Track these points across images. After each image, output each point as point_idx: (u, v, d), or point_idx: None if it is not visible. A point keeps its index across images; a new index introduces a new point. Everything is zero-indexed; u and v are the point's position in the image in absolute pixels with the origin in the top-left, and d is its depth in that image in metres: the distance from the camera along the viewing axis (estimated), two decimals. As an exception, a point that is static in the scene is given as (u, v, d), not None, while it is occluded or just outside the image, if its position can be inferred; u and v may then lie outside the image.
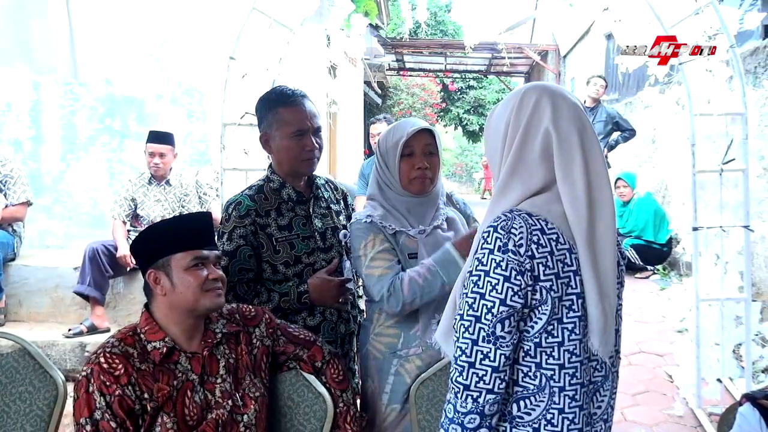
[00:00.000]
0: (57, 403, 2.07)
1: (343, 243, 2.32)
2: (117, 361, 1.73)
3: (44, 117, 6.05)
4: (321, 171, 2.39)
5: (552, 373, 1.41)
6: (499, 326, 1.38)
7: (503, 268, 1.38)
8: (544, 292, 1.39)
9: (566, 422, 1.41)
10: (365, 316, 2.29)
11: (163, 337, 1.82)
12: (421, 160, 2.10)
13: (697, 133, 3.63)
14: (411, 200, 2.14)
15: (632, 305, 5.95)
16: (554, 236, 1.40)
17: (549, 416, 1.42)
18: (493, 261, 1.39)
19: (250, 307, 2.04)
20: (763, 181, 4.96)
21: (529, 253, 1.38)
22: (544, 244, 1.39)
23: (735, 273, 3.68)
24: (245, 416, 1.87)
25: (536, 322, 1.40)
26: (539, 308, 1.40)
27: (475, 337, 1.39)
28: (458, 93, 25.99)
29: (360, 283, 2.35)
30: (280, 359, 2.06)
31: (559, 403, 1.41)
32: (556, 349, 1.41)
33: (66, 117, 6.07)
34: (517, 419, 1.44)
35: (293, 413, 2.05)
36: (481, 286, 1.40)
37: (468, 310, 1.41)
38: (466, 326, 1.41)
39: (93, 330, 4.64)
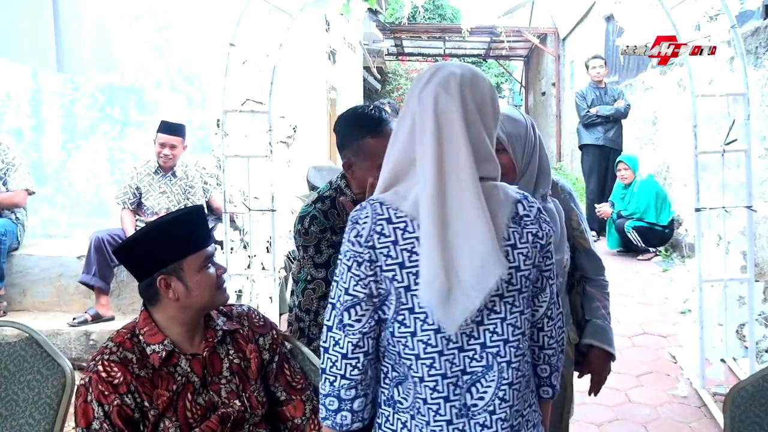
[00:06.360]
0: (65, 390, 2.07)
1: None
2: (116, 369, 1.71)
3: (44, 106, 6.02)
4: (322, 159, 2.36)
5: (410, 363, 1.40)
6: (345, 314, 1.40)
7: (347, 258, 1.41)
8: (387, 281, 1.38)
9: (431, 413, 1.39)
10: None
11: (163, 339, 1.79)
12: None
13: (698, 114, 3.62)
14: None
15: (635, 287, 5.97)
16: (402, 225, 1.38)
17: (417, 405, 1.40)
18: (344, 251, 1.42)
19: (261, 315, 2.03)
20: (765, 161, 4.95)
21: (370, 243, 1.38)
22: (387, 234, 1.38)
23: (737, 253, 3.68)
24: (252, 416, 1.86)
25: (385, 312, 1.41)
26: (388, 298, 1.39)
27: (330, 323, 1.42)
28: (457, 77, 25.87)
29: None
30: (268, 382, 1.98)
31: (421, 394, 1.39)
32: (409, 339, 1.39)
33: (66, 106, 6.04)
34: (398, 404, 1.44)
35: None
36: (338, 274, 1.43)
37: (331, 296, 1.44)
38: (327, 311, 1.44)
39: (98, 318, 4.64)
